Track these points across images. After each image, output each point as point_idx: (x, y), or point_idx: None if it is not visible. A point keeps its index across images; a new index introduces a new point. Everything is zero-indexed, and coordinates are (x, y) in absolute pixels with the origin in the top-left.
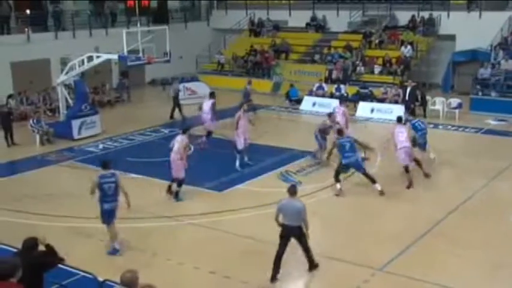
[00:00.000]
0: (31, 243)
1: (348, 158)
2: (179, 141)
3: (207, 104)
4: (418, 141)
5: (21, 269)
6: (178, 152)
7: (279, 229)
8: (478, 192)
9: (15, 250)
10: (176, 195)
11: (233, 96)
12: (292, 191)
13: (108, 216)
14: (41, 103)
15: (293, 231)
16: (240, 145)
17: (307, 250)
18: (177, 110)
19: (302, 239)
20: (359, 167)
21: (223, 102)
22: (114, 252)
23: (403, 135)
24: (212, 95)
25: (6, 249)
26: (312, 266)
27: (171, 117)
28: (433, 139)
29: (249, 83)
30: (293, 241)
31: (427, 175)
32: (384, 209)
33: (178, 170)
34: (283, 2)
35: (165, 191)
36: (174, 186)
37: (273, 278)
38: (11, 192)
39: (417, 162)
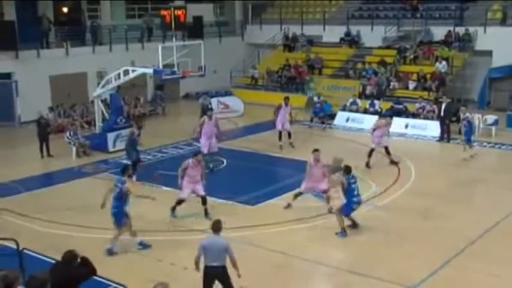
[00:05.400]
0: (70, 257)
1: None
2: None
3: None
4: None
5: (50, 284)
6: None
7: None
8: None
9: (53, 261)
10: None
11: (266, 111)
12: (216, 227)
13: None
14: (77, 116)
15: (217, 273)
16: None
17: None
18: None
19: (226, 281)
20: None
21: (257, 117)
22: None
23: None
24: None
25: (44, 259)
26: None
27: None
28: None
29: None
30: None
31: None
32: (416, 227)
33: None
34: (317, 17)
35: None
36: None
37: None
38: (49, 203)
39: None
